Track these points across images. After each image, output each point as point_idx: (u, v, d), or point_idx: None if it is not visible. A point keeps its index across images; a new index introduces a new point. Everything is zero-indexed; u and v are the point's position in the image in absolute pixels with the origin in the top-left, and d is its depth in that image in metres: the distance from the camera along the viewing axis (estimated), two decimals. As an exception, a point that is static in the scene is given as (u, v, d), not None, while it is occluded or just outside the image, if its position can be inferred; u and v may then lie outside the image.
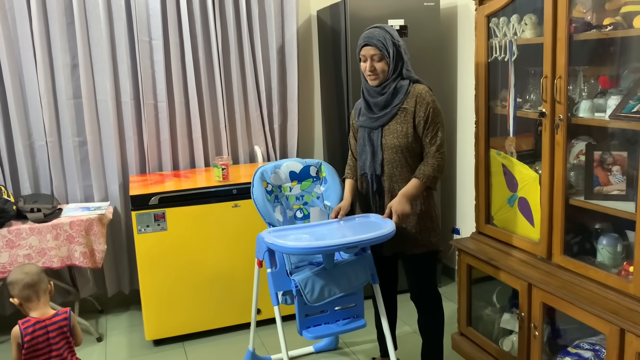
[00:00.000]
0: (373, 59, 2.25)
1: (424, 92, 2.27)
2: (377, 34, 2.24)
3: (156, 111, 3.35)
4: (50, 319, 1.97)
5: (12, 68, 3.07)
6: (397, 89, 2.28)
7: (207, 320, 3.09)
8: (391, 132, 2.29)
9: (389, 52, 2.23)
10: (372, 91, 2.33)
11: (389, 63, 2.25)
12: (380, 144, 2.32)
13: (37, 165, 3.24)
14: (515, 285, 2.39)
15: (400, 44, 2.26)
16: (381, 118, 2.30)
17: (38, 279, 1.99)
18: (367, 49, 2.26)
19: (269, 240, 2.15)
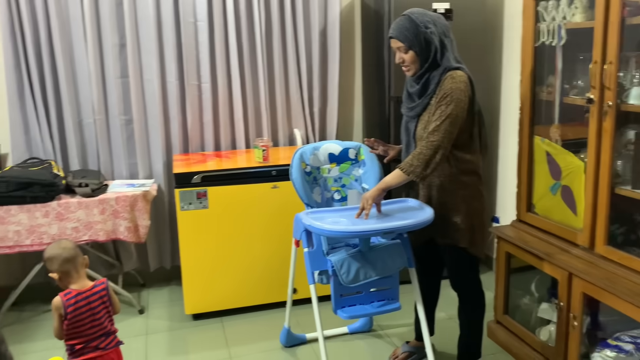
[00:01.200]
0: (400, 51, 2.21)
1: (449, 78, 2.14)
2: (401, 24, 2.17)
3: (199, 92, 3.41)
4: (90, 290, 2.04)
5: (64, 47, 3.17)
6: (430, 80, 2.21)
7: (244, 297, 3.16)
8: (422, 122, 2.25)
9: (413, 42, 2.15)
10: (410, 80, 2.30)
11: (417, 54, 2.18)
12: (413, 135, 2.29)
13: (86, 142, 3.35)
14: (556, 274, 2.36)
15: (430, 31, 2.13)
16: (415, 108, 2.27)
17: (75, 253, 2.06)
18: (392, 41, 2.22)
19: (307, 222, 2.18)
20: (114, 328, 2.12)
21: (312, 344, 2.85)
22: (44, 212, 2.92)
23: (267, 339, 2.91)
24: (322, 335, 2.32)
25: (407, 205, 2.34)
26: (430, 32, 2.14)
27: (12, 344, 2.84)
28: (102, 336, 2.06)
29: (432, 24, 2.15)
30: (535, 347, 2.55)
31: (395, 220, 2.17)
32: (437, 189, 2.31)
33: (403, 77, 3.19)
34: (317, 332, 2.32)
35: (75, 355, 2.03)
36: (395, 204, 2.36)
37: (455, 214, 2.27)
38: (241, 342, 2.89)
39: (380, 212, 2.23)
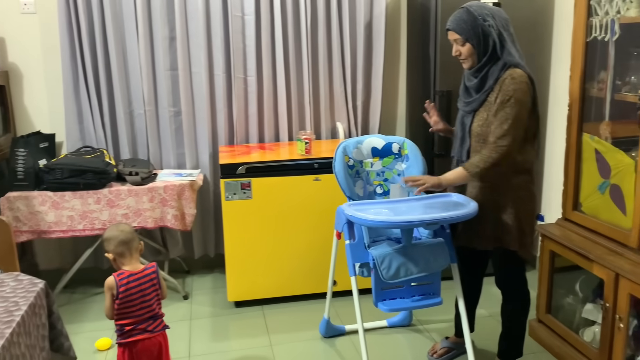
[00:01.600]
0: (457, 43, 2.19)
1: (509, 78, 2.11)
2: (459, 16, 2.16)
3: (245, 85, 3.47)
4: (141, 272, 2.12)
5: (116, 39, 3.28)
6: (488, 75, 2.18)
7: (285, 287, 3.22)
8: (478, 118, 2.22)
9: (471, 35, 2.13)
10: (468, 74, 2.28)
11: (474, 47, 2.16)
12: (469, 130, 2.27)
13: (136, 132, 3.46)
14: (602, 274, 2.31)
15: (489, 24, 2.12)
16: (472, 103, 2.25)
17: (132, 237, 2.14)
18: (449, 33, 2.21)
19: (349, 213, 2.20)
20: (161, 312, 2.19)
21: (351, 336, 2.88)
22: (96, 199, 3.05)
23: (307, 329, 2.96)
24: (362, 328, 2.34)
25: (451, 199, 2.33)
26: (488, 25, 2.12)
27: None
28: (150, 319, 2.13)
29: (490, 17, 2.13)
30: (578, 347, 2.50)
31: (438, 212, 2.16)
32: (487, 189, 2.28)
33: (449, 71, 3.20)
34: (357, 324, 2.34)
35: (125, 336, 2.11)
36: (438, 198, 2.36)
37: (506, 215, 2.25)
38: (281, 330, 2.95)
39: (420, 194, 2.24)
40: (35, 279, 1.92)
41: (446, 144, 3.28)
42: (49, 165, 3.02)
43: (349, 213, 2.21)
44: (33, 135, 3.23)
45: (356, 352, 2.74)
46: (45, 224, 3.02)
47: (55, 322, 1.93)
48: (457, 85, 3.19)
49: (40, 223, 3.02)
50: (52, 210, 3.02)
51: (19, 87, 3.36)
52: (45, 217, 3.02)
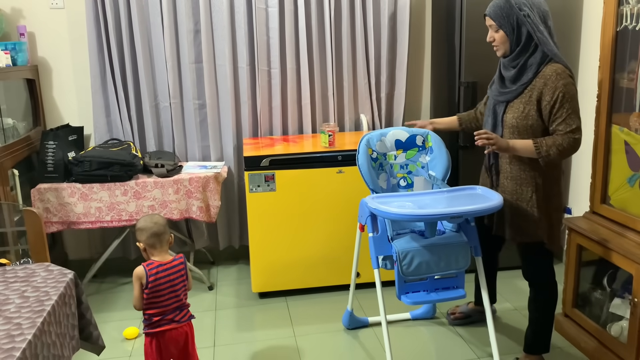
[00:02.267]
0: (492, 29, 2.21)
1: (554, 74, 2.11)
2: (496, 3, 2.18)
3: (269, 77, 3.48)
4: (170, 263, 2.15)
5: (142, 33, 3.32)
6: (527, 66, 2.17)
7: (309, 279, 3.23)
8: (513, 110, 2.22)
9: (506, 21, 2.14)
10: (505, 62, 2.27)
11: (508, 34, 2.17)
12: (501, 120, 2.27)
13: (162, 124, 3.51)
14: (630, 269, 2.27)
15: (525, 14, 2.11)
16: (507, 94, 2.24)
17: (164, 229, 2.17)
18: (486, 19, 2.23)
19: (373, 206, 2.20)
20: (187, 302, 2.23)
21: (374, 328, 2.89)
22: (123, 191, 3.10)
23: (330, 320, 2.97)
24: (385, 320, 2.34)
25: (476, 192, 2.32)
26: (524, 14, 2.12)
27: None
28: (177, 309, 2.17)
29: (528, 7, 2.12)
30: (606, 342, 2.47)
31: (462, 205, 2.15)
32: (522, 181, 2.28)
33: (475, 63, 3.16)
34: (380, 316, 2.34)
35: (152, 326, 2.14)
36: (463, 191, 2.34)
37: (536, 209, 2.25)
38: (305, 321, 2.97)
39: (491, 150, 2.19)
40: (65, 269, 1.96)
41: (471, 136, 3.24)
42: (78, 158, 3.08)
43: (372, 206, 2.20)
44: (62, 128, 3.30)
45: (379, 344, 2.74)
46: (74, 215, 3.09)
47: (84, 312, 1.97)
48: (482, 77, 3.18)
49: (69, 214, 3.09)
50: (81, 202, 3.08)
51: (48, 81, 3.43)
52: (75, 208, 3.08)
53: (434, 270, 2.26)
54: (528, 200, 2.26)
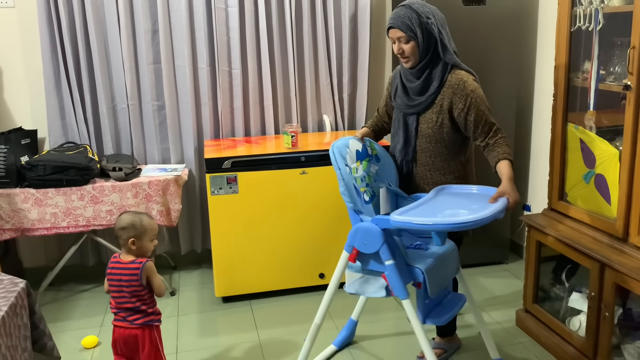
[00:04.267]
0: (400, 41, 2.17)
1: (461, 82, 2.16)
2: (402, 14, 2.14)
3: (230, 78, 3.43)
4: (125, 264, 2.14)
5: (98, 33, 3.23)
6: (432, 76, 2.19)
7: (273, 282, 3.20)
8: (427, 120, 2.24)
9: (415, 33, 2.13)
10: (408, 74, 2.26)
11: (418, 44, 2.15)
12: (414, 131, 2.27)
13: (119, 127, 3.42)
14: (587, 264, 2.32)
15: (431, 22, 2.13)
16: (416, 106, 2.25)
17: (120, 231, 2.15)
18: (392, 31, 2.18)
19: (415, 221, 1.92)
20: (145, 308, 2.17)
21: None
22: (80, 195, 3.01)
23: (296, 322, 2.95)
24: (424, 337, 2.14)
25: (472, 191, 2.24)
26: (430, 22, 2.14)
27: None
28: (129, 310, 2.14)
29: (431, 15, 2.14)
30: (565, 337, 2.52)
31: (489, 207, 1.99)
32: (453, 181, 2.34)
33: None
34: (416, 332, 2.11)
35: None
36: (460, 189, 2.26)
37: None
38: (270, 325, 2.94)
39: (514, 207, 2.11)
40: (16, 278, 1.89)
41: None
42: (31, 162, 2.97)
43: (414, 221, 1.92)
44: (14, 132, 3.18)
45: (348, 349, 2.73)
46: (28, 221, 2.98)
47: (37, 322, 1.90)
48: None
49: (23, 221, 2.97)
50: (35, 208, 2.97)
51: (-2, 82, 3.30)
52: (28, 214, 2.97)
53: (445, 283, 2.19)
54: None
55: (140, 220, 2.16)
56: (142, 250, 2.18)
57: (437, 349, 2.60)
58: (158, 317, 2.22)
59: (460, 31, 3.17)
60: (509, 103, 3.35)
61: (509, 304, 3.06)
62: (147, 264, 2.16)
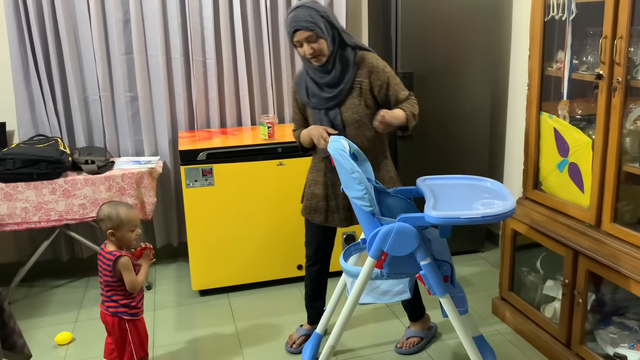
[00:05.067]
0: (309, 41, 2.15)
1: (374, 61, 2.25)
2: (302, 14, 2.13)
3: (205, 68, 3.38)
4: (105, 254, 2.17)
5: (67, 23, 3.15)
6: (344, 62, 2.21)
7: (250, 274, 3.18)
8: (349, 107, 2.25)
9: (321, 28, 2.13)
10: (318, 71, 2.24)
11: (326, 39, 2.16)
12: (341, 122, 2.27)
13: (91, 119, 3.35)
14: (561, 252, 2.35)
15: (328, 14, 2.17)
16: (337, 96, 2.24)
17: (100, 222, 2.21)
18: (298, 34, 2.15)
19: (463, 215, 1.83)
20: (115, 298, 2.19)
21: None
22: (51, 189, 2.94)
23: (273, 315, 2.94)
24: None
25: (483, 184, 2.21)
26: (327, 14, 2.18)
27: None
28: (105, 296, 2.22)
29: (323, 8, 2.18)
30: (540, 323, 2.56)
31: (497, 195, 2.01)
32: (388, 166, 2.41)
33: (411, 53, 3.18)
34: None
35: None
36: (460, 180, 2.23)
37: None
38: (247, 318, 2.92)
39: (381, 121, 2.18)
40: (-16, 275, 1.83)
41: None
42: (0, 156, 2.89)
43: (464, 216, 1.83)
44: (-19, 125, 3.09)
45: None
46: (-3, 216, 2.91)
47: (6, 320, 1.85)
48: (419, 67, 3.21)
49: (-8, 216, 2.90)
50: (5, 202, 2.90)
51: (-36, 74, 3.20)
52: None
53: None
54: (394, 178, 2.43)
55: (116, 212, 2.17)
56: (122, 241, 2.20)
57: (413, 337, 2.62)
58: (131, 311, 2.22)
59: (435, 22, 3.19)
60: (484, 92, 3.37)
61: (485, 292, 3.10)
62: (120, 259, 2.15)
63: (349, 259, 2.30)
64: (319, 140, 2.24)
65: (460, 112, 3.35)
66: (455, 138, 3.39)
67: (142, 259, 2.26)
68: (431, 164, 3.36)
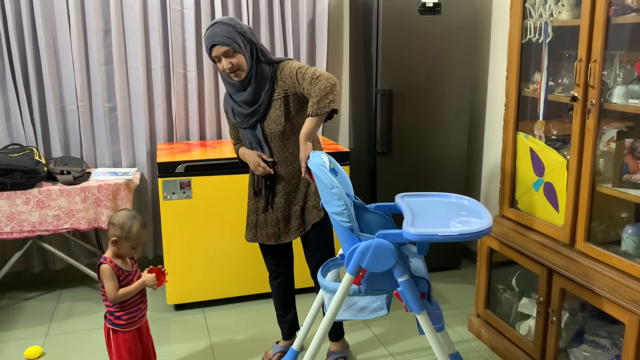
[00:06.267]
0: (227, 56, 2.17)
1: (283, 66, 2.23)
2: (218, 30, 2.15)
3: (185, 80, 3.37)
4: (101, 258, 2.16)
5: (46, 31, 3.11)
6: (261, 77, 2.22)
7: (226, 289, 3.15)
8: (272, 120, 2.25)
9: (238, 43, 2.16)
10: (236, 89, 2.26)
11: (244, 54, 2.18)
12: (264, 138, 2.28)
13: (68, 129, 3.30)
14: (536, 270, 2.38)
15: (244, 30, 2.19)
16: (256, 112, 2.25)
17: (110, 224, 2.17)
18: (216, 49, 2.16)
19: (440, 233, 1.82)
20: (106, 303, 2.18)
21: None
22: (25, 199, 2.88)
23: (249, 330, 2.91)
24: None
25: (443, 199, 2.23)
26: (244, 31, 2.19)
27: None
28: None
29: (240, 25, 2.19)
30: (515, 341, 2.57)
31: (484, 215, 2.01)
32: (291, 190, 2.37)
33: (391, 70, 3.22)
34: None
35: None
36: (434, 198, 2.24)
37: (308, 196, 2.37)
38: (223, 333, 2.89)
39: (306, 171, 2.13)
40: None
41: (388, 143, 3.30)
42: (-28, 164, 2.83)
43: (442, 233, 1.82)
44: (-46, 132, 3.03)
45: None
46: (-32, 226, 2.84)
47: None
48: (398, 84, 3.25)
49: (-38, 226, 2.83)
50: (-24, 212, 2.83)
51: (-62, 80, 3.13)
52: (-32, 219, 2.83)
53: None
54: (302, 197, 2.36)
55: (130, 225, 2.15)
56: (119, 252, 2.17)
57: (340, 358, 2.60)
58: (115, 321, 2.18)
59: (415, 40, 3.23)
60: (462, 111, 3.41)
61: (462, 309, 3.11)
62: (102, 266, 2.14)
63: (327, 274, 2.29)
64: (256, 168, 2.32)
65: (438, 130, 3.40)
66: (434, 155, 3.42)
67: (147, 275, 2.20)
68: (409, 180, 3.38)
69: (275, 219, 2.40)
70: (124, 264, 2.18)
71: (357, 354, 2.70)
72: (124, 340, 2.18)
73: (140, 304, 2.21)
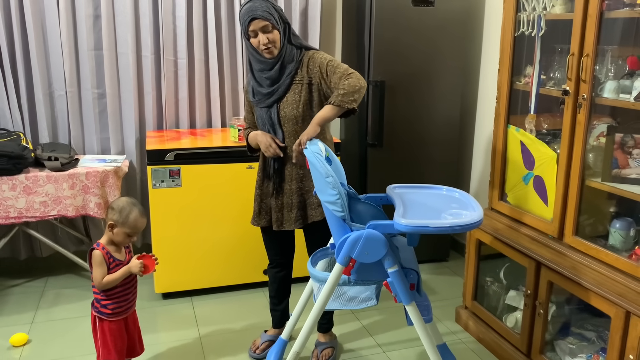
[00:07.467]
0: (265, 31, 2.17)
1: (313, 54, 2.25)
2: (258, 5, 2.15)
3: (176, 67, 3.34)
4: (94, 244, 2.14)
5: (35, 16, 3.06)
6: (288, 58, 2.23)
7: (215, 278, 3.14)
8: (289, 103, 2.25)
9: (276, 19, 2.17)
10: (264, 65, 2.25)
11: (279, 30, 2.19)
12: (278, 120, 2.27)
13: (56, 114, 3.26)
14: (524, 262, 2.40)
15: (281, 9, 2.23)
16: (276, 91, 2.25)
17: (109, 209, 2.14)
18: (255, 22, 2.15)
19: (431, 225, 1.81)
20: (94, 290, 2.15)
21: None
22: (11, 185, 2.85)
23: (237, 320, 2.91)
24: None
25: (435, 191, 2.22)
26: (281, 10, 2.22)
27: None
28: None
29: (277, 4, 2.22)
30: (502, 333, 2.59)
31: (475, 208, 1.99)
32: (302, 178, 2.36)
33: (383, 61, 3.20)
34: None
35: None
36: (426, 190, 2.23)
37: (311, 192, 2.37)
38: (211, 322, 2.88)
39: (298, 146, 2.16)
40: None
41: (380, 134, 3.30)
42: (-43, 149, 2.79)
43: (433, 225, 1.81)
44: (-61, 116, 2.98)
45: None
46: (-48, 212, 2.80)
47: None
48: (390, 75, 3.24)
49: (-53, 211, 2.79)
50: (-39, 197, 2.80)
51: None
52: (-47, 204, 2.79)
53: None
54: (309, 189, 2.36)
55: (129, 211, 2.11)
56: (115, 238, 2.13)
57: (327, 348, 2.60)
58: (101, 309, 2.15)
59: (408, 32, 3.22)
60: (453, 103, 3.42)
61: (450, 301, 3.13)
62: (94, 252, 2.11)
63: (317, 264, 2.29)
64: (267, 148, 2.28)
65: (429, 122, 3.40)
66: (425, 147, 3.42)
67: (135, 260, 2.12)
68: (400, 172, 3.38)
69: (280, 204, 2.39)
70: (118, 253, 2.15)
71: (345, 345, 2.71)
72: (109, 329, 2.16)
73: (128, 294, 2.19)
